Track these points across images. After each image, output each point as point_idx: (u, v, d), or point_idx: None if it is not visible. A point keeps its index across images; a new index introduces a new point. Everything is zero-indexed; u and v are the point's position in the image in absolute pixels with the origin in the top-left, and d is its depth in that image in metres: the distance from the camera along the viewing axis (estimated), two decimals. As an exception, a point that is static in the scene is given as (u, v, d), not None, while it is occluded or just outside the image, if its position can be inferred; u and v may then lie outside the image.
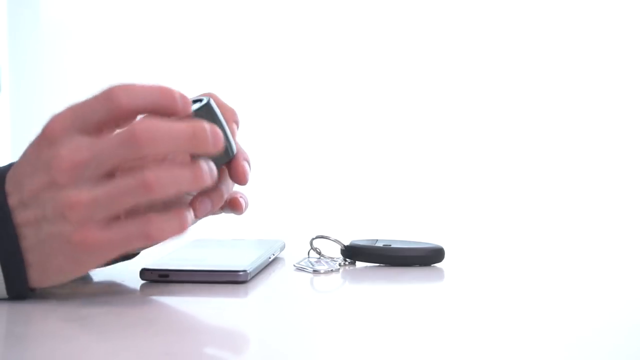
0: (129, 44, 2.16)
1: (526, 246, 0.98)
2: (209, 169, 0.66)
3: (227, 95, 0.74)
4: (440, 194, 2.06)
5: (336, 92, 2.11)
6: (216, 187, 0.71)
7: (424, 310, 0.69)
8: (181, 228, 0.66)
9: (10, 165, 0.68)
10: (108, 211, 0.64)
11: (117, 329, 0.61)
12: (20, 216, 0.65)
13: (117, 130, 0.66)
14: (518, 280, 0.80)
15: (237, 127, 0.74)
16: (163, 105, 0.66)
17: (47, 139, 0.65)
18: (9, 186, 0.66)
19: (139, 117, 0.66)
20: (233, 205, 0.76)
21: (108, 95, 0.65)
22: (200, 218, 0.73)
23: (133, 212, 0.65)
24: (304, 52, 2.11)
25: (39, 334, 0.60)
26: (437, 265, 0.84)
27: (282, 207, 2.09)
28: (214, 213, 0.76)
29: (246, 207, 0.77)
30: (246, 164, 0.74)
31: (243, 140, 0.75)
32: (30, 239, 0.66)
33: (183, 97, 0.67)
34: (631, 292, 0.76)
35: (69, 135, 0.65)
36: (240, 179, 0.73)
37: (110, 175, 0.65)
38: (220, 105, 0.72)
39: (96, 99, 0.66)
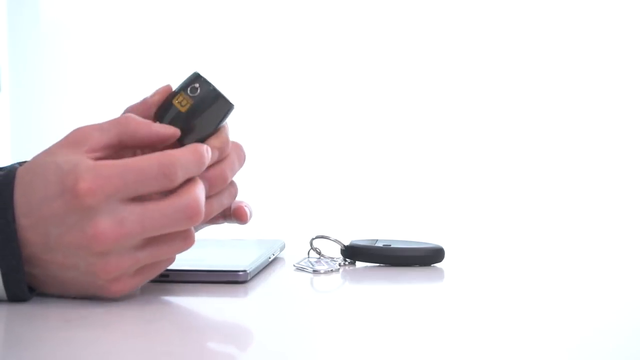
0: (129, 44, 2.16)
1: (526, 246, 0.98)
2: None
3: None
4: (440, 194, 2.06)
5: (336, 92, 2.11)
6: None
7: (424, 310, 0.69)
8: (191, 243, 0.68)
9: (12, 165, 0.67)
10: (143, 265, 0.66)
11: (116, 329, 0.61)
12: (47, 256, 0.64)
13: (166, 202, 0.65)
14: (518, 280, 0.80)
15: (243, 163, 0.75)
16: (200, 171, 0.68)
17: (84, 204, 0.63)
18: (22, 218, 0.64)
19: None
20: (238, 215, 0.77)
21: (167, 174, 0.64)
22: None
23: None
24: (303, 53, 2.11)
25: (39, 334, 0.59)
26: (437, 265, 0.84)
27: (282, 207, 2.09)
28: (216, 223, 0.77)
29: (250, 216, 0.78)
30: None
31: (243, 140, 0.75)
32: (55, 272, 0.65)
33: (209, 153, 0.68)
34: (631, 292, 0.76)
35: (109, 204, 0.63)
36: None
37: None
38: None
39: (151, 173, 0.64)
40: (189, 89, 0.70)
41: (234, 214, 0.77)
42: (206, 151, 0.68)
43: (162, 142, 0.68)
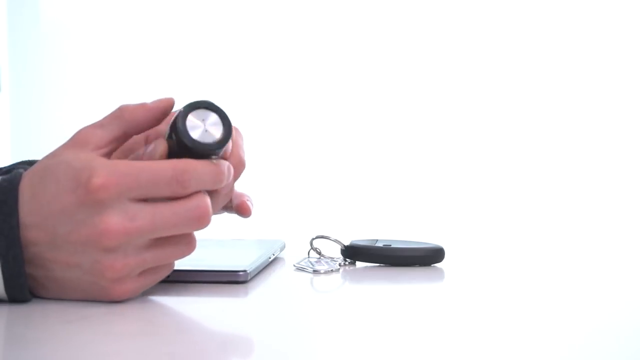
0: (129, 44, 2.16)
1: (526, 246, 0.98)
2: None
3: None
4: (440, 194, 2.06)
5: (336, 92, 2.11)
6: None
7: (424, 310, 0.69)
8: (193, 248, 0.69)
9: (16, 170, 0.67)
10: (147, 267, 0.66)
11: (117, 329, 0.61)
12: (51, 254, 0.65)
13: (177, 202, 0.65)
14: (518, 280, 0.80)
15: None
16: (215, 186, 0.68)
17: (97, 200, 0.63)
18: (28, 216, 0.64)
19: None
20: (241, 210, 0.78)
21: (180, 180, 0.65)
22: None
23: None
24: (303, 53, 2.11)
25: (39, 334, 0.59)
26: (437, 265, 0.84)
27: (282, 207, 2.09)
28: (216, 213, 0.77)
29: (252, 210, 0.79)
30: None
31: (244, 139, 0.75)
32: (57, 273, 0.66)
33: (230, 173, 0.68)
34: (631, 292, 0.76)
35: (120, 202, 0.63)
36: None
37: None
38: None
39: (164, 179, 0.64)
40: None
41: (237, 209, 0.78)
42: (227, 169, 0.67)
43: (162, 114, 0.68)
